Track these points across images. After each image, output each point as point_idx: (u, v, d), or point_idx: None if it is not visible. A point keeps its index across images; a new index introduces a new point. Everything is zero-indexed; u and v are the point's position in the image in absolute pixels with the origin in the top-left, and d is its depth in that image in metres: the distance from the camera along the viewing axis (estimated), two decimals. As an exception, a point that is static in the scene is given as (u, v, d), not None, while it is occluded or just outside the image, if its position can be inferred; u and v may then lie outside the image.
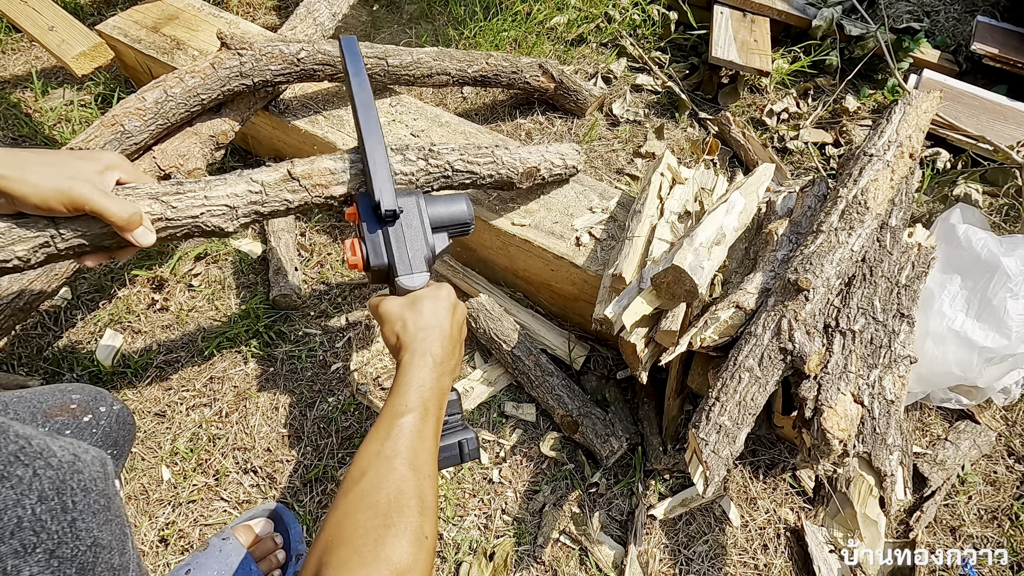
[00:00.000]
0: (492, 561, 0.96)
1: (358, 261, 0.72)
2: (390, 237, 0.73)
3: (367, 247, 0.73)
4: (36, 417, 0.75)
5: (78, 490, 0.48)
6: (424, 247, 0.75)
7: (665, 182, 1.08)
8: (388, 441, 0.58)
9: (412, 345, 0.67)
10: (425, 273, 0.74)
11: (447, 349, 0.69)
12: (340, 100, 1.30)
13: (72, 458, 0.50)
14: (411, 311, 0.70)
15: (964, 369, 1.02)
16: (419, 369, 0.65)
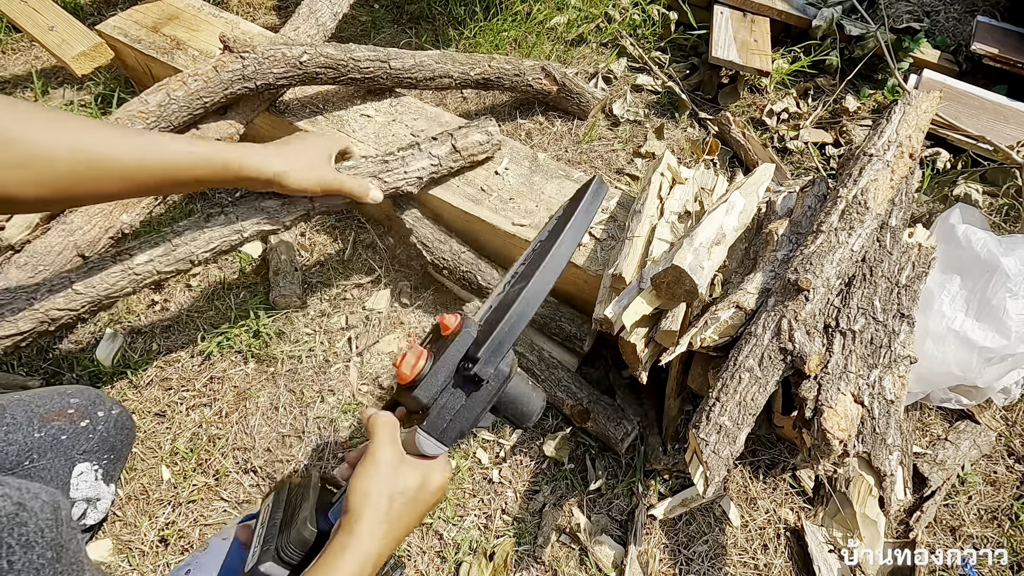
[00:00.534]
0: (492, 561, 0.96)
1: (408, 376, 0.59)
2: (453, 389, 0.60)
3: (428, 374, 0.58)
4: (32, 421, 0.75)
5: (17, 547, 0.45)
6: (469, 423, 0.61)
7: (665, 182, 1.08)
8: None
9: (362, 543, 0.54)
10: (445, 448, 0.61)
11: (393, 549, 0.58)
12: (340, 100, 1.30)
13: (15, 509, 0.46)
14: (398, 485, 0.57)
15: (964, 369, 1.02)
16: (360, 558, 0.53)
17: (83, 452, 0.78)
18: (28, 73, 1.62)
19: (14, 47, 1.72)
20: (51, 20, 1.33)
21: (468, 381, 0.59)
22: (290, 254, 1.25)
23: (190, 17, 1.45)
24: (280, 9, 1.90)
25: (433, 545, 0.99)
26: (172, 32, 1.41)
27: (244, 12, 1.88)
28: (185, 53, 1.37)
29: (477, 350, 0.58)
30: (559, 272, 0.62)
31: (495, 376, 0.60)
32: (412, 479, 0.58)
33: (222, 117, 1.13)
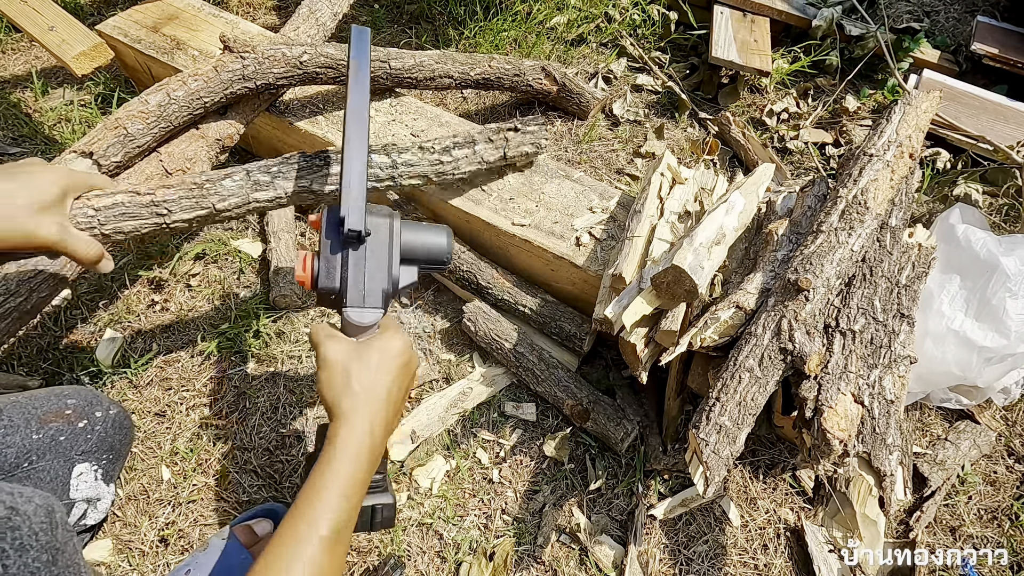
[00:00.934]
0: (492, 561, 0.96)
1: (306, 278, 0.63)
2: (349, 260, 0.64)
3: (320, 264, 0.63)
4: (30, 423, 0.75)
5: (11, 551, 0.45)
6: (385, 279, 0.65)
7: (665, 182, 1.08)
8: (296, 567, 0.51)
9: (352, 418, 0.57)
10: (379, 310, 0.64)
11: (388, 419, 0.60)
12: (340, 100, 1.30)
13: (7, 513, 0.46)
14: (358, 363, 0.60)
15: (963, 369, 1.02)
16: (353, 458, 0.56)
17: (82, 452, 0.78)
18: (28, 73, 1.62)
19: (14, 47, 1.72)
20: (51, 20, 1.33)
21: (351, 241, 0.64)
22: (290, 254, 1.25)
23: (190, 17, 1.45)
24: (280, 9, 1.90)
25: (433, 545, 0.99)
26: (172, 32, 1.41)
27: (244, 12, 1.88)
28: (185, 53, 1.37)
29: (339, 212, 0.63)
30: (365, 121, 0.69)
31: (376, 227, 0.65)
32: (368, 353, 0.61)
33: (222, 117, 1.13)
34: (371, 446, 0.57)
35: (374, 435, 0.58)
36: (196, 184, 0.84)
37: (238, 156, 1.47)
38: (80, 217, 0.76)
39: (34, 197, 0.65)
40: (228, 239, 1.30)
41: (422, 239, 0.69)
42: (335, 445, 0.56)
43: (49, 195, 0.67)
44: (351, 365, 0.60)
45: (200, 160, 1.08)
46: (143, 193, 0.80)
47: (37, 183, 0.66)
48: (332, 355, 0.60)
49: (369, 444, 0.57)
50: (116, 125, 1.01)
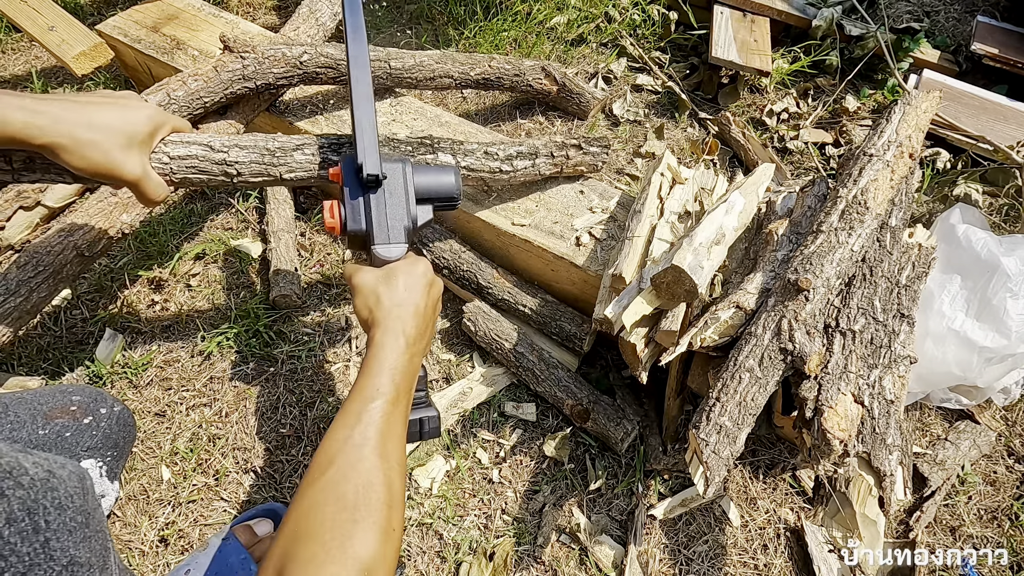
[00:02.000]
0: (492, 561, 0.96)
1: (336, 223, 0.70)
2: (371, 203, 0.71)
3: (346, 210, 0.70)
4: (36, 419, 0.75)
5: (51, 509, 0.47)
6: (405, 217, 0.72)
7: (665, 182, 1.08)
8: (358, 427, 0.57)
9: (385, 323, 0.65)
10: (403, 244, 0.72)
11: (420, 328, 0.67)
12: (340, 100, 1.30)
13: (46, 475, 0.48)
14: (385, 285, 0.68)
15: (964, 369, 1.02)
16: (391, 350, 0.63)
17: (87, 449, 0.78)
18: (28, 73, 1.62)
19: (14, 47, 1.72)
20: (51, 20, 1.33)
21: (371, 185, 0.71)
22: (290, 254, 1.25)
23: (190, 17, 1.45)
24: (280, 9, 1.90)
25: (433, 545, 0.99)
26: (172, 32, 1.41)
27: (244, 12, 1.88)
28: (185, 53, 1.37)
29: (356, 160, 0.70)
30: (369, 73, 0.74)
31: (391, 172, 0.72)
32: (394, 276, 0.68)
33: (222, 117, 1.13)
34: (405, 344, 0.64)
35: (407, 336, 0.65)
36: (268, 151, 0.86)
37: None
38: (154, 161, 0.77)
39: (128, 132, 0.67)
40: (228, 239, 1.30)
41: (434, 178, 0.76)
42: (375, 344, 0.63)
43: (142, 132, 0.69)
44: (380, 287, 0.67)
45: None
46: (216, 149, 0.82)
47: (133, 118, 0.68)
48: (363, 282, 0.68)
49: (404, 343, 0.64)
50: (116, 125, 1.00)
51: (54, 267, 0.95)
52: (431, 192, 0.76)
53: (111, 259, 1.26)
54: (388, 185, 0.72)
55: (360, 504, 0.51)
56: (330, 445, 0.56)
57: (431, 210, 0.76)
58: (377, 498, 0.52)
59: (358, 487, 0.52)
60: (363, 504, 0.51)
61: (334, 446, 0.55)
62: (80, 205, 1.04)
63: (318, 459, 0.55)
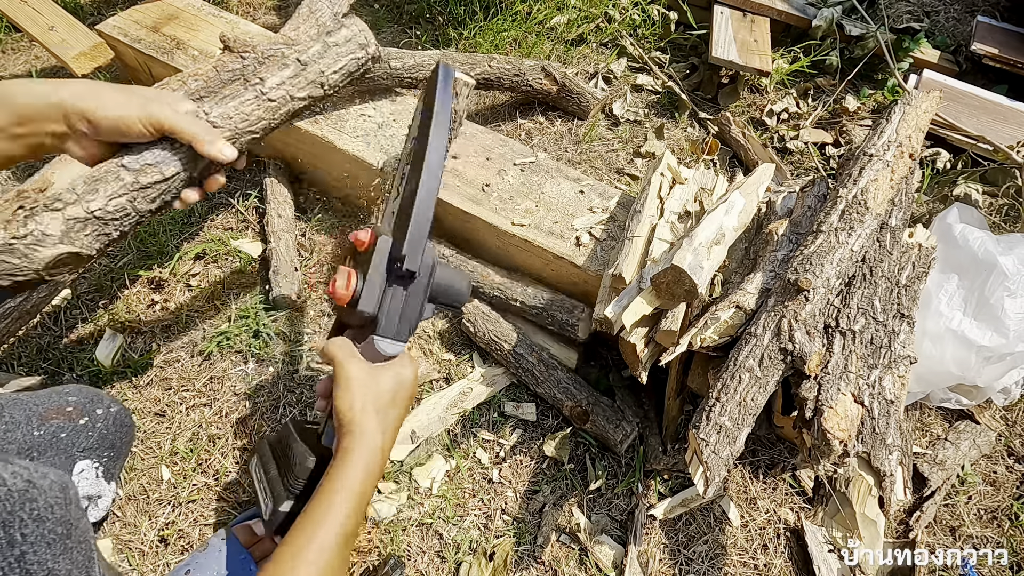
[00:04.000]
0: (492, 561, 0.96)
1: (347, 296, 0.63)
2: (391, 292, 0.65)
3: (364, 288, 0.63)
4: (31, 420, 0.75)
5: (29, 521, 0.46)
6: (415, 316, 0.68)
7: (665, 182, 1.08)
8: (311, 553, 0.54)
9: (367, 438, 0.60)
10: (404, 344, 0.67)
11: (393, 438, 0.65)
12: (340, 100, 1.30)
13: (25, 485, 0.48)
14: (375, 390, 0.63)
15: (962, 368, 1.02)
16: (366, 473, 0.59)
17: (83, 450, 0.78)
18: (28, 73, 1.62)
19: (14, 47, 1.72)
20: (51, 20, 1.33)
21: (403, 278, 0.66)
22: (290, 254, 1.25)
23: (190, 17, 1.45)
24: (280, 9, 1.90)
25: (433, 545, 0.99)
26: (172, 32, 1.41)
27: (244, 12, 1.88)
28: (185, 53, 1.37)
29: (400, 249, 0.63)
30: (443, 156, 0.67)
31: (423, 268, 0.67)
32: (386, 379, 0.64)
33: (222, 117, 1.13)
34: (380, 463, 0.61)
35: (384, 454, 0.62)
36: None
37: (238, 156, 1.47)
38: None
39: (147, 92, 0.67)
40: (228, 239, 1.30)
41: (451, 283, 0.72)
42: (351, 459, 0.59)
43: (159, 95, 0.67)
44: (370, 389, 0.63)
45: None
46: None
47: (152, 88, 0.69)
48: (353, 377, 0.63)
49: (379, 461, 0.61)
50: (116, 125, 1.00)
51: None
52: (444, 294, 0.72)
53: (111, 259, 1.26)
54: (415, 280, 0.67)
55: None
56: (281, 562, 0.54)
57: (433, 308, 0.72)
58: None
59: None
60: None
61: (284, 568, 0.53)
62: (80, 205, 1.04)
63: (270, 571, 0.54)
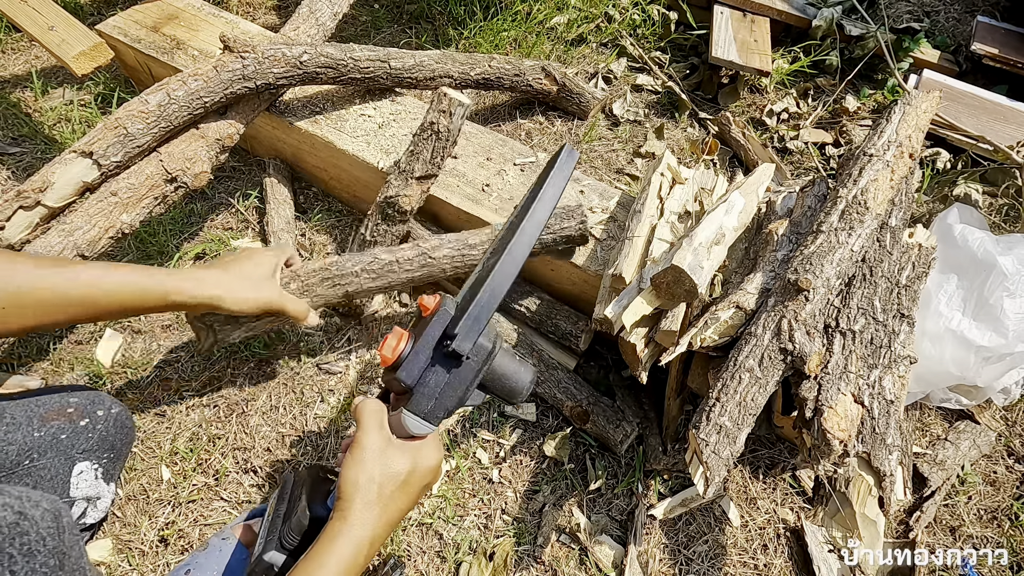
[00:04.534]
0: (492, 561, 0.96)
1: (390, 359, 0.59)
2: (436, 369, 0.60)
3: (410, 354, 0.59)
4: (32, 421, 0.75)
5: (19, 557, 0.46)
6: (456, 401, 0.61)
7: (665, 182, 1.08)
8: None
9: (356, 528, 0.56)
10: (433, 427, 0.62)
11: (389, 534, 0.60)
12: (340, 100, 1.30)
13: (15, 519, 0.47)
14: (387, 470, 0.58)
15: (961, 368, 1.02)
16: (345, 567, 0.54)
17: (83, 451, 0.78)
18: (28, 73, 1.62)
19: (14, 47, 1.72)
20: (51, 20, 1.33)
21: (449, 358, 0.59)
22: (290, 254, 1.25)
23: (190, 17, 1.45)
24: (280, 9, 1.90)
25: (433, 545, 0.99)
26: (172, 32, 1.41)
27: (244, 12, 1.88)
28: (185, 53, 1.37)
29: (455, 326, 0.58)
30: (532, 243, 0.60)
31: (476, 351, 0.60)
32: (401, 462, 0.59)
33: (222, 117, 1.13)
34: (364, 559, 0.56)
35: (371, 549, 0.57)
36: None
37: (237, 156, 1.47)
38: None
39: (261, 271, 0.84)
40: (228, 239, 1.30)
41: (510, 373, 0.64)
42: (332, 547, 0.55)
43: (269, 268, 0.85)
44: (379, 468, 0.58)
45: (200, 160, 1.08)
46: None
47: (260, 259, 0.85)
48: (369, 450, 0.58)
49: (364, 556, 0.56)
50: (116, 125, 1.01)
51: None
52: (498, 384, 0.64)
53: (111, 259, 1.26)
54: (466, 363, 0.60)
55: None
56: None
57: (483, 397, 0.65)
58: None
59: None
60: None
61: None
62: (80, 205, 1.04)
63: None
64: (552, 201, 0.61)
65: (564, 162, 0.63)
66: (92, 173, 1.04)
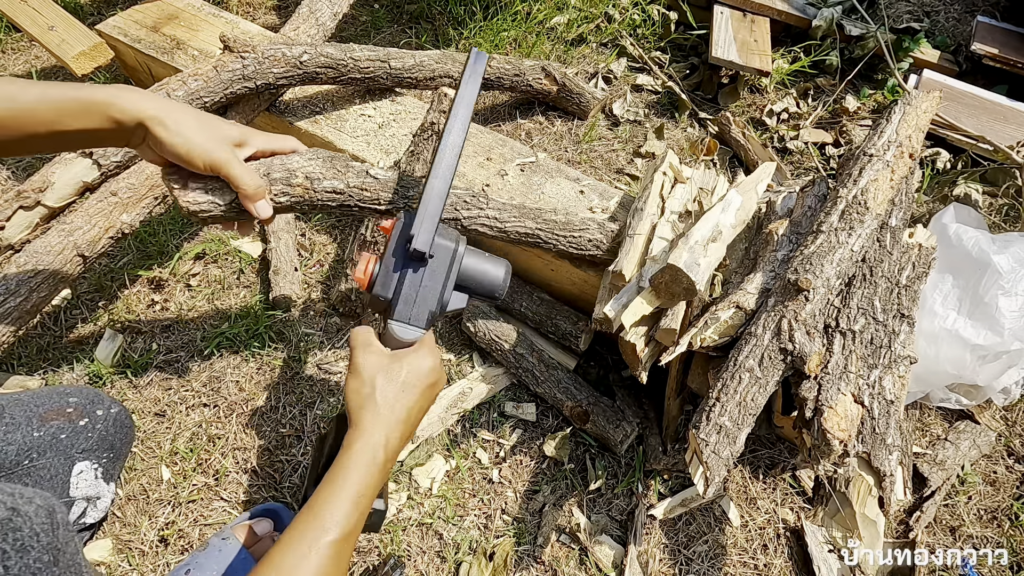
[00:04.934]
0: (492, 561, 0.96)
1: (364, 280, 0.65)
2: (406, 275, 0.65)
3: (380, 272, 0.65)
4: (32, 421, 0.75)
5: (12, 552, 0.46)
6: (435, 301, 0.66)
7: (667, 181, 1.08)
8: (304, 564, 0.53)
9: (369, 432, 0.60)
10: (420, 330, 0.66)
11: (404, 435, 0.63)
12: (340, 100, 1.30)
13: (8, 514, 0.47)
14: (385, 378, 0.62)
15: (958, 367, 1.02)
16: (365, 470, 0.58)
17: (82, 451, 0.78)
18: (28, 73, 1.62)
19: (14, 47, 1.72)
20: (51, 20, 1.33)
21: (414, 259, 0.65)
22: (290, 254, 1.25)
23: (190, 17, 1.45)
24: (280, 9, 1.90)
25: (433, 545, 0.99)
26: (172, 32, 1.41)
27: (244, 12, 1.88)
28: (185, 53, 1.37)
29: (410, 228, 0.64)
30: (460, 145, 0.67)
31: (440, 249, 0.66)
32: (394, 367, 0.63)
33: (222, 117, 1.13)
34: (383, 459, 0.60)
35: (388, 449, 0.60)
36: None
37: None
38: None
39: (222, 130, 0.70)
40: (228, 239, 1.30)
41: (481, 270, 0.69)
42: (350, 455, 0.59)
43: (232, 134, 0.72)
44: (378, 379, 0.62)
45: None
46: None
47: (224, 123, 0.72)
48: (363, 365, 0.63)
49: (382, 457, 0.60)
50: (116, 125, 1.00)
51: (54, 267, 0.95)
52: (474, 282, 0.69)
53: (111, 259, 1.26)
54: (432, 263, 0.66)
55: None
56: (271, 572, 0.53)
57: (466, 299, 0.70)
58: None
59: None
60: None
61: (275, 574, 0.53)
62: (80, 205, 1.04)
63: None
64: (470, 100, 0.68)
65: (474, 64, 0.69)
66: (92, 173, 1.04)
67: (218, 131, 0.70)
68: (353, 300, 1.17)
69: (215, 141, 0.69)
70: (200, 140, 0.67)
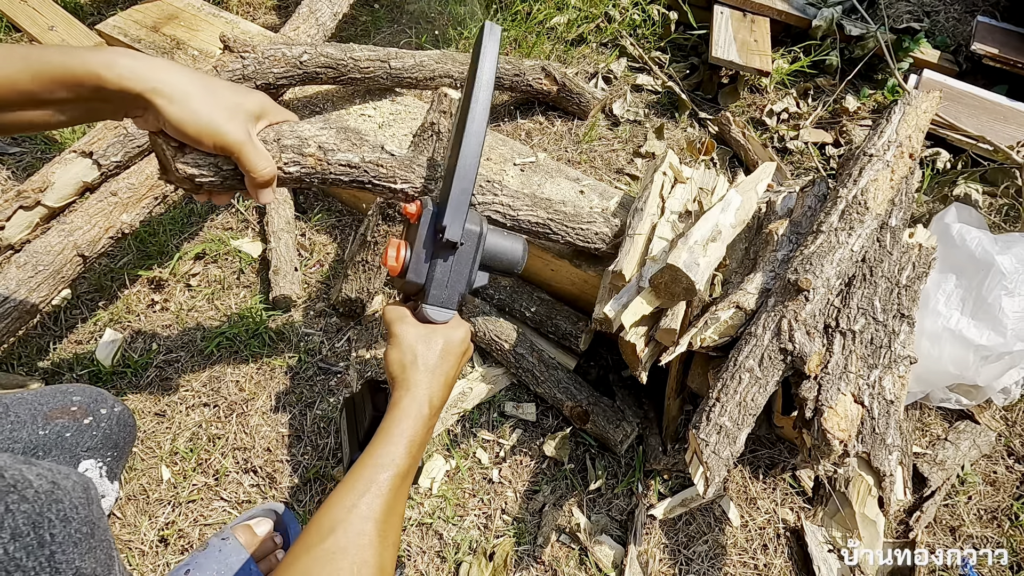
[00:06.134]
0: (492, 561, 0.96)
1: (397, 267, 0.67)
2: (437, 262, 0.68)
3: (411, 258, 0.67)
4: (36, 419, 0.75)
5: (56, 521, 0.47)
6: (464, 284, 0.69)
7: (667, 181, 1.08)
8: (366, 496, 0.56)
9: (415, 390, 0.64)
10: (452, 311, 0.70)
11: (444, 398, 0.67)
12: (340, 100, 1.30)
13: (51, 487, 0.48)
14: (425, 346, 0.67)
15: (960, 368, 1.02)
16: (414, 420, 0.62)
17: (87, 449, 0.78)
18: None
19: (14, 47, 1.72)
20: (51, 20, 1.33)
21: (446, 248, 0.68)
22: (290, 254, 1.25)
23: (190, 17, 1.45)
24: (280, 9, 1.90)
25: (433, 545, 0.99)
26: (172, 32, 1.41)
27: (244, 12, 1.88)
28: (185, 53, 1.37)
29: (442, 219, 0.66)
30: (484, 128, 0.67)
31: (467, 236, 0.68)
32: (435, 339, 0.68)
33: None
34: (428, 414, 0.65)
35: (432, 406, 0.65)
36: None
37: (238, 156, 1.47)
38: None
39: (235, 100, 0.63)
40: (228, 239, 1.30)
41: (502, 248, 0.73)
42: (400, 408, 0.63)
43: (248, 106, 0.65)
44: (419, 347, 0.67)
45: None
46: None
47: (241, 91, 0.65)
48: (403, 336, 0.67)
49: (427, 412, 0.64)
50: (116, 125, 1.01)
51: (54, 267, 0.95)
52: (496, 261, 0.73)
53: (111, 259, 1.26)
54: (461, 248, 0.68)
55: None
56: (336, 511, 0.55)
57: (488, 276, 0.73)
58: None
59: (354, 565, 0.52)
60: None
61: (339, 513, 0.55)
62: (80, 205, 1.04)
63: (320, 521, 0.54)
64: (490, 79, 0.67)
65: (489, 38, 0.68)
66: (92, 173, 1.04)
67: (231, 102, 0.63)
68: (353, 300, 1.17)
69: (227, 117, 0.62)
70: (210, 117, 0.60)
